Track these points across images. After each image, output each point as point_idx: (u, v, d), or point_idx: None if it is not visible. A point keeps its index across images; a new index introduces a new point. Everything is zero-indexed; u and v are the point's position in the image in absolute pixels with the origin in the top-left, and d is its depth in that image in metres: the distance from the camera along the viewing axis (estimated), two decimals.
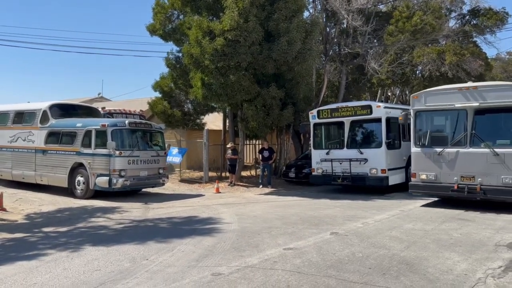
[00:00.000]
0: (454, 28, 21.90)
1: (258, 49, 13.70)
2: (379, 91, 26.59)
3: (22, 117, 14.96)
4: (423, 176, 10.64)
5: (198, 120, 20.06)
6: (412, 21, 18.19)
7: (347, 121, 13.85)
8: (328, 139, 14.78)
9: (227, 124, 19.17)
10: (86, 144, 12.84)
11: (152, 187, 14.31)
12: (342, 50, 20.45)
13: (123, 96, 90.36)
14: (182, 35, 16.82)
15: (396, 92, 28.80)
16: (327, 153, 14.07)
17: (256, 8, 13.47)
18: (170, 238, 7.49)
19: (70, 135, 13.33)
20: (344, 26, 20.43)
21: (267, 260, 6.01)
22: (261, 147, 17.73)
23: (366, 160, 13.24)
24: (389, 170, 13.07)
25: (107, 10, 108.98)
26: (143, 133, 13.66)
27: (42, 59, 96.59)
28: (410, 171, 11.78)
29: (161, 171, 13.76)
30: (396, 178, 13.32)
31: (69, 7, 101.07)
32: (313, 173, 14.58)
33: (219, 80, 14.01)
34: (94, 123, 13.06)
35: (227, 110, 18.15)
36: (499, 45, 57.85)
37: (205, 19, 13.98)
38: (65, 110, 14.72)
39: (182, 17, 17.34)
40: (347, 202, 11.98)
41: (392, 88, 27.75)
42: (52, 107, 14.33)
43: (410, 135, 11.62)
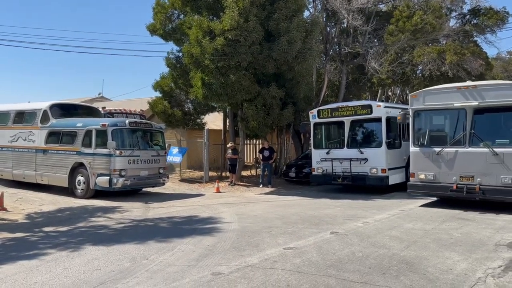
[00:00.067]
0: (455, 27, 21.86)
1: (258, 48, 13.70)
2: (380, 90, 26.59)
3: (23, 117, 14.98)
4: (421, 176, 10.56)
5: (199, 120, 20.05)
6: (412, 20, 18.15)
7: (347, 120, 13.86)
8: (329, 139, 14.79)
9: (227, 124, 19.18)
10: (86, 144, 12.86)
11: (153, 187, 14.33)
12: (342, 50, 20.46)
13: (123, 96, 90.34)
14: (183, 34, 16.81)
15: (397, 91, 28.79)
16: (328, 152, 14.08)
17: (256, 7, 13.47)
18: (170, 238, 7.50)
19: (71, 135, 13.35)
20: (345, 25, 20.43)
21: (267, 260, 6.02)
22: (261, 146, 17.74)
23: (366, 159, 13.25)
24: (389, 169, 13.08)
25: (107, 10, 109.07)
26: (144, 132, 13.68)
27: (42, 59, 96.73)
28: None
29: (161, 171, 13.77)
30: (396, 177, 13.32)
31: (69, 7, 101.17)
32: (313, 172, 14.59)
33: (219, 79, 14.02)
34: (94, 123, 13.08)
35: (228, 110, 18.16)
36: (499, 44, 57.72)
37: (205, 18, 13.98)
38: (65, 110, 14.75)
39: (182, 16, 17.33)
40: (347, 202, 11.98)
41: (392, 87, 27.74)
42: (52, 107, 14.35)
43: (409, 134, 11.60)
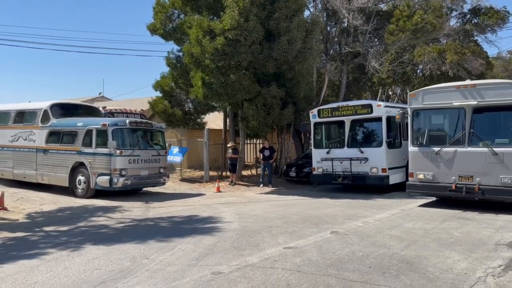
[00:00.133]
0: (455, 27, 21.85)
1: (258, 48, 13.70)
2: (380, 90, 26.58)
3: (23, 116, 14.99)
4: (420, 175, 10.48)
5: (199, 120, 20.06)
6: (413, 20, 18.15)
7: (347, 120, 13.85)
8: (329, 138, 14.78)
9: (227, 124, 19.17)
10: (87, 144, 12.86)
11: (153, 187, 14.33)
12: (342, 49, 20.46)
13: (124, 96, 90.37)
14: (183, 34, 16.81)
15: (397, 91, 28.79)
16: (328, 152, 14.08)
17: (256, 7, 13.47)
18: (170, 237, 7.50)
19: (71, 135, 13.35)
20: (345, 25, 20.43)
21: (267, 259, 6.02)
22: (261, 146, 17.74)
23: (366, 159, 13.25)
24: (389, 169, 13.07)
25: (107, 10, 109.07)
26: (144, 132, 13.68)
27: (43, 58, 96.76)
28: None
29: (161, 171, 13.77)
30: (396, 177, 13.31)
31: (69, 7, 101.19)
32: (313, 172, 14.59)
33: (220, 79, 14.01)
34: (95, 123, 13.09)
35: (228, 110, 18.15)
36: (500, 44, 57.77)
37: (205, 18, 13.98)
38: (66, 110, 14.75)
39: (182, 16, 17.33)
40: (347, 201, 11.98)
41: (393, 87, 27.74)
42: (53, 107, 14.36)
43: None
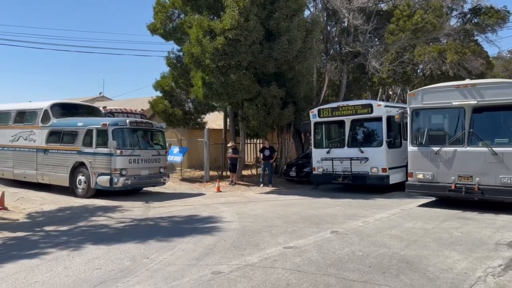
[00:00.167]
0: (455, 26, 21.84)
1: (258, 48, 13.70)
2: (380, 90, 26.58)
3: (24, 116, 15.00)
4: (420, 175, 10.44)
5: (199, 119, 20.05)
6: (413, 19, 18.13)
7: (347, 120, 13.85)
8: (329, 138, 14.78)
9: (228, 123, 19.17)
10: (87, 143, 12.87)
11: (153, 186, 14.33)
12: (343, 49, 20.44)
13: (124, 96, 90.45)
14: (183, 34, 16.81)
15: (397, 91, 28.78)
16: (328, 152, 14.08)
17: (256, 7, 13.47)
18: (170, 237, 7.50)
19: (71, 134, 13.35)
20: (345, 25, 20.41)
21: (267, 259, 6.02)
22: (262, 146, 17.74)
23: (366, 159, 13.25)
24: (389, 169, 13.07)
25: (107, 10, 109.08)
26: (144, 132, 13.69)
27: (43, 58, 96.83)
28: None
29: (162, 170, 13.77)
30: (396, 177, 13.31)
31: (69, 7, 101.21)
32: (313, 172, 14.59)
33: (220, 79, 14.01)
34: (95, 122, 13.10)
35: (228, 109, 18.15)
36: (500, 43, 57.69)
37: (205, 18, 13.98)
38: (66, 109, 14.75)
39: (182, 16, 17.33)
40: (347, 201, 11.98)
41: (393, 87, 27.73)
42: (53, 106, 14.36)
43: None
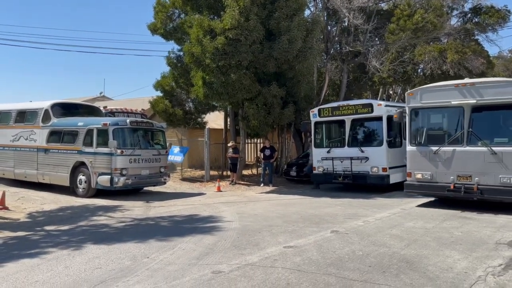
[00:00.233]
0: (456, 26, 21.82)
1: (259, 47, 13.70)
2: (381, 89, 26.56)
3: (24, 116, 15.02)
4: (418, 175, 10.38)
5: (200, 119, 20.07)
6: (413, 19, 18.14)
7: (348, 119, 13.85)
8: (329, 138, 14.79)
9: (228, 123, 19.19)
10: (87, 143, 12.88)
11: (154, 186, 14.35)
12: (343, 49, 20.46)
13: (124, 95, 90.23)
14: (183, 34, 16.82)
15: (398, 90, 28.74)
16: (328, 151, 14.08)
17: (257, 6, 13.47)
18: (171, 237, 7.51)
19: (72, 134, 13.37)
20: (345, 24, 20.43)
21: (267, 258, 6.03)
22: (262, 145, 17.74)
23: (367, 158, 13.25)
24: (390, 168, 13.07)
25: (108, 10, 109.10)
26: (145, 132, 13.70)
27: (43, 58, 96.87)
28: None
29: (162, 170, 13.79)
30: (397, 176, 13.28)
31: (69, 7, 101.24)
32: (314, 171, 14.59)
33: (220, 79, 14.02)
34: (95, 122, 13.11)
35: (228, 109, 18.17)
36: (501, 43, 57.62)
37: (206, 18, 13.99)
38: (66, 109, 14.77)
39: (183, 16, 17.34)
40: (347, 201, 11.99)
41: (393, 86, 27.71)
42: (54, 106, 14.38)
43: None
